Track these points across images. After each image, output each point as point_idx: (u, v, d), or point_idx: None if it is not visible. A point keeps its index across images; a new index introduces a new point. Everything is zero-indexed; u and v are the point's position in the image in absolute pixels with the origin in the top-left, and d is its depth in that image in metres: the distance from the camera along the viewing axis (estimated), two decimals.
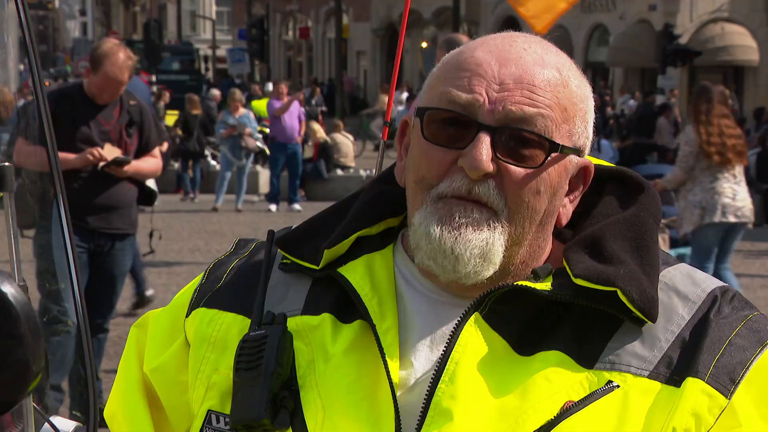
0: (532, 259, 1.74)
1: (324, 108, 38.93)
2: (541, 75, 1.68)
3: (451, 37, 8.64)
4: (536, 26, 5.55)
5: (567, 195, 1.75)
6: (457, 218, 1.67)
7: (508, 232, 1.69)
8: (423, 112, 1.71)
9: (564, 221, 1.77)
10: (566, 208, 1.76)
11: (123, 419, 1.88)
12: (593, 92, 1.79)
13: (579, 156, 1.74)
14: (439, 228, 1.67)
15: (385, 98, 26.59)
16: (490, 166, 1.65)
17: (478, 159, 1.65)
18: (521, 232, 1.70)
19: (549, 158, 1.68)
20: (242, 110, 20.53)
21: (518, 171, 1.67)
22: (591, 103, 1.76)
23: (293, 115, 19.85)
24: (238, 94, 21.17)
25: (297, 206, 20.14)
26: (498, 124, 1.66)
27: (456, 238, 1.67)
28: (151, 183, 7.55)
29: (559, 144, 1.68)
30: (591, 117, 1.75)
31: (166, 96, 28.94)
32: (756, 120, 25.82)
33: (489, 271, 1.69)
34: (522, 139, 1.67)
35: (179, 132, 22.40)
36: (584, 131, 1.73)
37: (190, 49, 51.50)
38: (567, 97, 1.70)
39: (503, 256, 1.69)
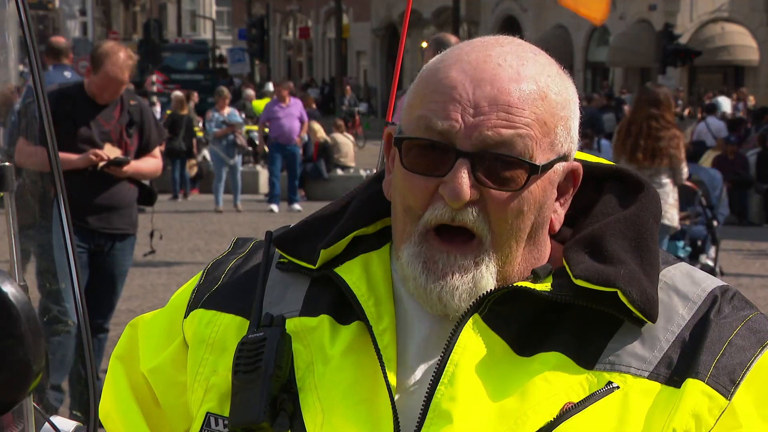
0: (527, 269, 1.73)
1: (360, 108, 38.92)
2: (518, 92, 1.66)
3: (439, 37, 8.56)
4: (597, 21, 5.51)
5: (557, 199, 1.74)
6: (440, 266, 1.67)
7: (495, 257, 1.68)
8: (400, 142, 1.69)
9: (557, 226, 1.75)
10: (557, 213, 1.75)
11: (118, 418, 1.88)
12: (595, 93, 1.78)
13: (565, 161, 1.72)
14: (424, 276, 1.67)
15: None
16: (469, 195, 1.64)
17: (457, 189, 1.63)
18: (509, 253, 1.69)
19: (530, 179, 1.66)
20: (228, 109, 20.58)
21: (500, 195, 1.66)
22: (574, 105, 1.73)
23: (293, 117, 19.85)
24: (225, 92, 21.25)
25: (297, 206, 20.14)
26: (476, 149, 1.64)
27: (442, 288, 1.67)
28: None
29: (539, 166, 1.66)
30: (575, 118, 1.73)
31: (195, 96, 28.27)
32: (756, 120, 25.81)
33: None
34: (502, 163, 1.65)
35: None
36: (567, 136, 1.71)
37: (204, 48, 50.38)
38: (546, 109, 1.67)
39: (495, 279, 1.69)
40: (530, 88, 1.66)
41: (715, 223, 11.31)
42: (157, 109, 25.61)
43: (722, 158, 19.77)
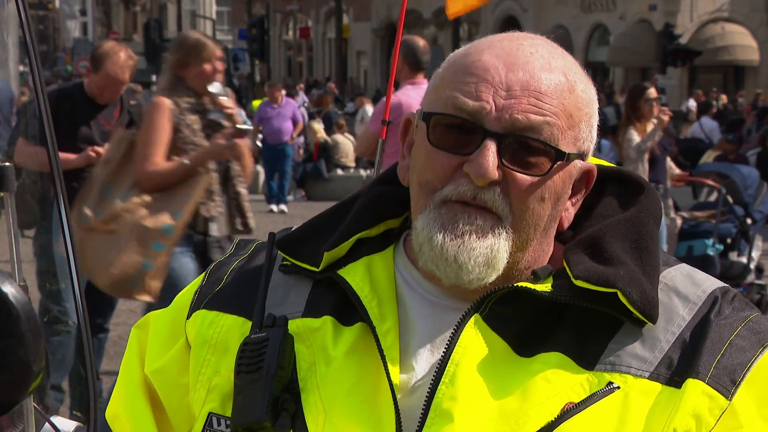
0: (535, 263, 1.74)
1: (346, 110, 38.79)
2: (548, 81, 1.68)
3: (407, 39, 8.45)
4: (449, 9, 5.35)
5: (570, 198, 1.75)
6: (460, 225, 1.67)
7: (512, 238, 1.68)
8: (429, 117, 1.70)
9: (566, 224, 1.77)
10: (568, 212, 1.76)
11: (126, 420, 1.87)
12: (599, 92, 1.79)
13: (583, 160, 1.74)
14: (441, 235, 1.67)
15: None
16: (495, 174, 1.65)
17: (484, 167, 1.64)
18: (525, 238, 1.70)
19: (555, 166, 1.68)
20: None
21: (524, 178, 1.67)
22: (595, 106, 1.76)
23: (284, 117, 19.87)
24: (230, 93, 21.19)
25: (283, 207, 20.06)
26: (504, 131, 1.66)
27: (459, 246, 1.66)
28: None
29: (565, 152, 1.68)
30: (595, 120, 1.75)
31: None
32: (758, 120, 25.82)
33: (492, 277, 1.69)
34: (528, 147, 1.67)
35: None
36: (589, 135, 1.73)
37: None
38: (573, 102, 1.70)
39: (507, 262, 1.69)
40: (560, 79, 1.69)
41: (749, 220, 11.31)
42: None
43: (722, 158, 19.78)
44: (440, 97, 1.71)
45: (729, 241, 11.24)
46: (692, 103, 31.04)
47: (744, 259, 11.25)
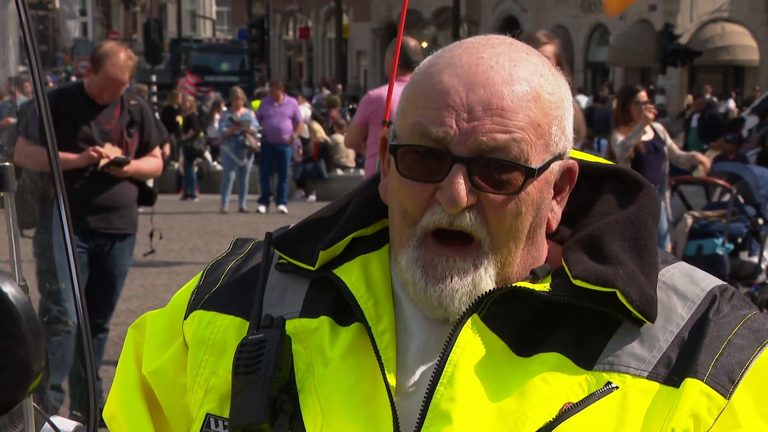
0: (526, 269, 1.73)
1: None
2: (511, 95, 1.65)
3: (401, 43, 8.66)
4: (606, 8, 5.51)
5: (554, 198, 1.74)
6: (439, 269, 1.67)
7: (494, 259, 1.68)
8: (395, 149, 1.69)
9: (554, 225, 1.75)
10: (554, 212, 1.75)
11: (123, 420, 1.87)
12: (593, 92, 1.79)
13: (561, 159, 1.72)
14: (423, 280, 1.67)
15: None
16: (466, 200, 1.64)
17: (454, 195, 1.63)
18: (507, 254, 1.69)
19: (527, 182, 1.66)
20: (243, 109, 20.54)
21: (497, 198, 1.66)
22: (567, 103, 1.73)
23: (284, 116, 19.84)
24: (239, 92, 21.17)
25: (283, 207, 20.05)
26: (471, 155, 1.64)
27: (441, 291, 1.67)
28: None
29: (534, 168, 1.66)
30: (569, 116, 1.73)
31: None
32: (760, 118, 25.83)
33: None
34: (498, 167, 1.65)
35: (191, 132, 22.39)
36: (562, 135, 1.71)
37: (240, 47, 47.41)
38: (540, 110, 1.67)
39: (495, 280, 1.69)
40: (523, 90, 1.66)
41: (760, 221, 11.32)
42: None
43: (722, 158, 19.77)
44: (406, 124, 1.69)
45: (740, 240, 11.25)
46: (731, 104, 30.92)
47: (755, 259, 11.26)
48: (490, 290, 1.68)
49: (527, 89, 1.66)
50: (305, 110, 24.83)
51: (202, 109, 26.32)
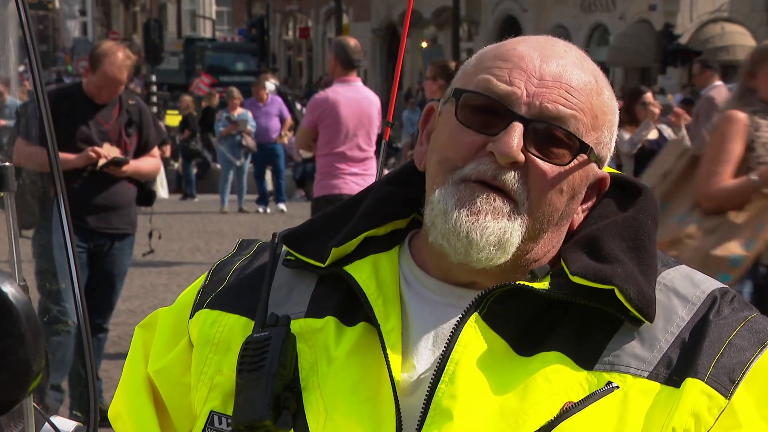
0: (544, 257, 1.74)
1: None
2: (579, 78, 1.71)
3: (339, 40, 8.93)
4: None
5: (582, 203, 1.76)
6: (478, 203, 1.68)
7: (526, 225, 1.69)
8: (459, 94, 1.72)
9: (575, 226, 1.77)
10: (579, 215, 1.77)
11: (128, 419, 1.88)
12: None
13: (599, 167, 1.75)
14: (457, 210, 1.68)
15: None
16: (520, 155, 1.67)
17: (509, 145, 1.66)
18: (538, 228, 1.71)
19: (576, 158, 1.69)
20: (240, 109, 20.55)
21: (545, 166, 1.69)
22: (617, 118, 1.78)
23: (270, 115, 19.86)
24: (236, 92, 21.17)
25: (282, 206, 20.05)
26: (532, 117, 1.68)
27: (473, 223, 1.67)
28: (163, 188, 7.56)
29: (588, 145, 1.70)
30: (615, 130, 1.78)
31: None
32: None
33: (501, 260, 1.69)
34: (553, 136, 1.69)
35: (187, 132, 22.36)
36: (609, 143, 1.76)
37: (255, 47, 45.87)
38: (600, 105, 1.72)
39: (517, 249, 1.69)
40: (590, 80, 1.73)
41: None
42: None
43: None
44: (472, 79, 1.73)
45: None
46: None
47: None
48: (492, 287, 1.69)
49: (593, 81, 1.73)
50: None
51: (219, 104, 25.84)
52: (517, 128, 1.67)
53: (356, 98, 8.71)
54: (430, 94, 8.67)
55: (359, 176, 8.61)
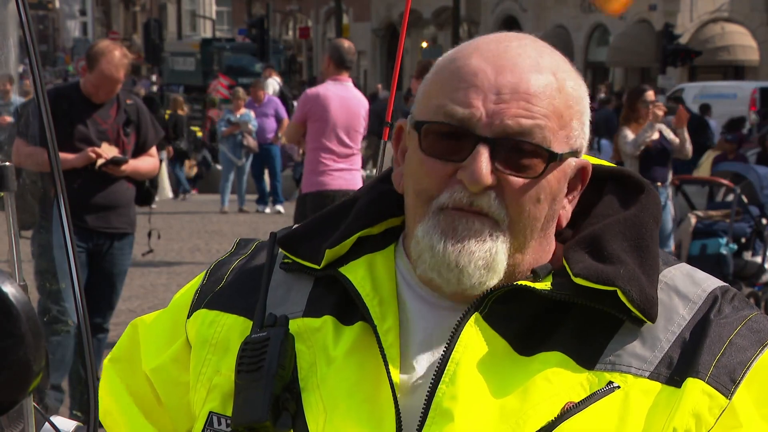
0: (536, 264, 1.74)
1: None
2: (537, 82, 1.67)
3: (334, 41, 9.34)
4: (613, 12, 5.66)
5: (566, 196, 1.75)
6: (459, 231, 1.67)
7: (509, 241, 1.68)
8: (420, 126, 1.70)
9: (564, 222, 1.76)
10: (566, 209, 1.76)
11: (118, 415, 1.89)
12: (607, 93, 1.80)
13: (577, 157, 1.74)
14: (442, 241, 1.67)
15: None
16: (489, 179, 1.65)
17: (477, 173, 1.64)
18: (523, 241, 1.70)
19: (548, 167, 1.67)
20: (244, 110, 20.55)
21: (518, 181, 1.67)
22: (586, 102, 1.75)
23: (266, 116, 19.87)
24: (241, 92, 21.16)
25: (279, 207, 20.04)
26: (496, 136, 1.65)
27: (460, 251, 1.66)
28: (166, 189, 7.58)
29: (557, 153, 1.68)
30: (587, 116, 1.75)
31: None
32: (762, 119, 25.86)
33: (493, 281, 1.69)
34: (521, 150, 1.66)
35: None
36: (581, 132, 1.73)
37: (276, 47, 45.79)
38: (563, 101, 1.69)
39: (507, 264, 1.69)
40: (549, 80, 1.68)
41: (764, 221, 11.34)
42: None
43: (722, 158, 19.78)
44: (431, 105, 1.70)
45: (743, 240, 11.28)
46: (753, 117, 30.91)
47: (759, 259, 11.30)
48: (492, 288, 1.68)
49: (552, 79, 1.69)
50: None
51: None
52: (483, 152, 1.65)
53: (346, 97, 9.05)
54: (416, 92, 8.84)
55: (345, 171, 8.92)
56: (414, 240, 1.71)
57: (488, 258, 1.67)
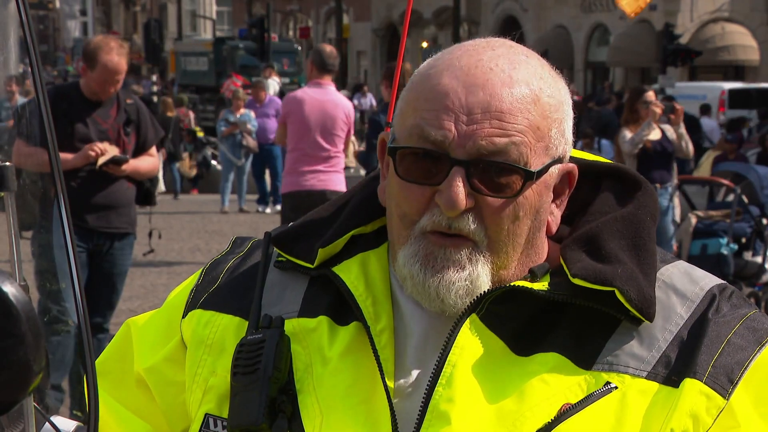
0: (526, 269, 1.72)
1: None
2: (510, 97, 1.64)
3: (318, 48, 9.65)
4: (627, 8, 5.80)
5: (553, 201, 1.74)
6: (439, 260, 1.66)
7: (491, 260, 1.67)
8: (394, 151, 1.68)
9: (554, 228, 1.75)
10: (554, 215, 1.75)
11: (107, 413, 1.89)
12: (613, 94, 1.78)
13: (560, 163, 1.72)
14: (422, 272, 1.66)
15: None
16: (464, 204, 1.64)
17: (453, 198, 1.63)
18: (506, 258, 1.69)
19: (525, 185, 1.66)
20: (243, 110, 20.54)
21: (495, 201, 1.65)
22: (567, 106, 1.72)
23: (267, 116, 19.89)
24: (242, 93, 21.16)
25: (279, 207, 20.04)
26: (470, 158, 1.64)
27: (439, 282, 1.66)
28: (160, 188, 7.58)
29: (534, 172, 1.65)
30: (569, 120, 1.72)
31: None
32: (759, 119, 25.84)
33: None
34: (497, 170, 1.64)
35: None
36: (561, 138, 1.70)
37: (290, 47, 43.86)
38: (539, 113, 1.66)
39: (492, 282, 1.68)
40: (523, 93, 1.65)
41: (765, 221, 11.35)
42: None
43: (722, 158, 19.77)
44: (405, 126, 1.68)
45: (744, 240, 11.28)
46: (722, 118, 30.94)
47: (759, 259, 11.29)
48: (487, 290, 1.68)
49: (527, 92, 1.65)
50: None
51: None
52: (458, 175, 1.63)
53: (321, 100, 9.31)
54: (387, 99, 9.07)
55: (322, 173, 9.26)
56: (397, 264, 1.71)
57: (468, 286, 1.66)
